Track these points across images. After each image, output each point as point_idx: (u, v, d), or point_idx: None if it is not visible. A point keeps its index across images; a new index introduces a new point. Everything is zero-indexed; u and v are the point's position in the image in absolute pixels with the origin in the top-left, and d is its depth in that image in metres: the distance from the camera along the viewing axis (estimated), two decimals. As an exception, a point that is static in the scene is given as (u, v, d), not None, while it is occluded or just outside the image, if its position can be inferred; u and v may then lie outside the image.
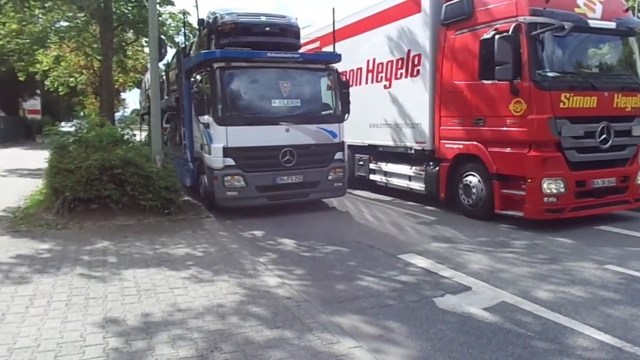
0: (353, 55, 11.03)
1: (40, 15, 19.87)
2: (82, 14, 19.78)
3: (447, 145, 8.72)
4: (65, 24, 20.93)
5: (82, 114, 17.78)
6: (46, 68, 25.38)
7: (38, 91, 37.88)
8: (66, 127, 15.65)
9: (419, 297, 4.76)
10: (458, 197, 8.59)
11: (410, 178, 9.88)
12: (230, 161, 8.27)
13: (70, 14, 19.78)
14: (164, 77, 13.43)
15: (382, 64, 10.47)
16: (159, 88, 11.06)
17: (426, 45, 9.05)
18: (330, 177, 9.03)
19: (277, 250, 6.57)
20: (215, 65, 8.37)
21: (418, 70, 9.31)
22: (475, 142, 8.11)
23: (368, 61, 10.93)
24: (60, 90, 27.63)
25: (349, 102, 9.29)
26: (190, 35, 16.54)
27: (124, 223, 7.49)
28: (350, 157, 11.10)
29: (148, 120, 13.00)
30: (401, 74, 9.85)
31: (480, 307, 4.46)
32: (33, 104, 40.86)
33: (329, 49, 10.01)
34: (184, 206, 8.59)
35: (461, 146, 8.40)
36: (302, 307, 4.27)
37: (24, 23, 20.01)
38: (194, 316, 4.05)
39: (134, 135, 10.45)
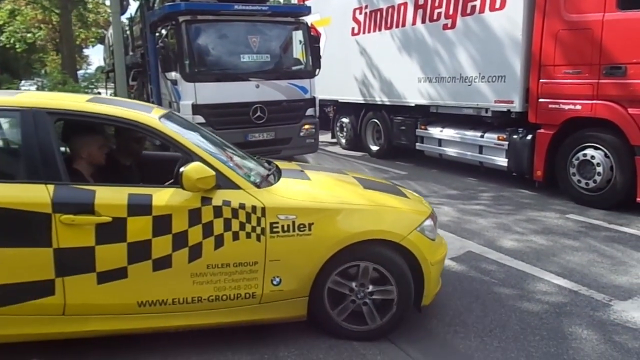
0: None
1: (-10, -35, 18.66)
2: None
3: (551, 106, 6.42)
4: (18, -26, 19.72)
5: (42, 71, 17.14)
6: (1, 23, 24.04)
7: (-6, 48, 36.02)
8: (26, 85, 15.05)
9: (389, 249, 4.89)
10: (566, 178, 6.44)
11: (481, 149, 7.66)
12: (199, 119, 8.10)
13: (23, -37, 18.61)
14: (128, 32, 12.94)
15: None
16: (123, 44, 10.67)
17: None
18: (302, 134, 8.99)
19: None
20: (181, 18, 8.07)
21: (503, 1, 7.04)
22: (605, 101, 5.86)
23: None
24: (17, 46, 26.28)
25: (319, 57, 9.12)
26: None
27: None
28: (386, 121, 9.82)
29: (113, 77, 12.60)
30: (473, 7, 7.52)
31: (448, 258, 4.60)
32: (-11, 61, 38.95)
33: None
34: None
35: (578, 107, 6.12)
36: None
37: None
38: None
39: (99, 93, 10.15)
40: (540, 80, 6.55)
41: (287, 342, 3.07)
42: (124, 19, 12.17)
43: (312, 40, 9.10)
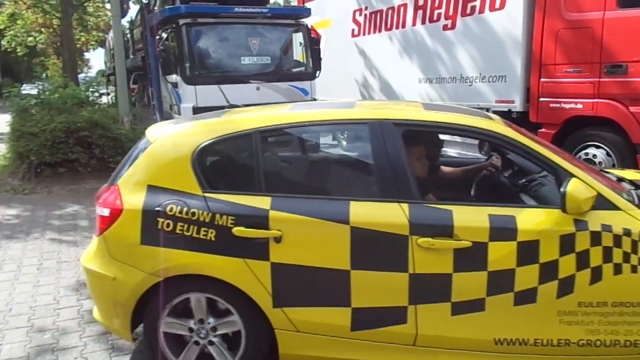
0: None
1: (-9, -30, 18.73)
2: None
3: (552, 105, 6.37)
4: (19, -22, 19.79)
5: (44, 75, 17.16)
6: (2, 27, 24.14)
7: (-5, 52, 36.11)
8: (28, 89, 15.06)
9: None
10: None
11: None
12: (200, 121, 8.12)
13: (24, -33, 18.67)
14: (129, 35, 12.99)
15: None
16: (124, 47, 10.69)
17: None
18: (303, 136, 8.97)
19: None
20: (181, 21, 8.08)
21: (503, 1, 6.98)
22: (607, 100, 5.83)
23: None
24: (18, 50, 26.40)
25: (320, 59, 9.11)
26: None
27: (94, 186, 7.33)
28: None
29: (114, 81, 12.62)
30: (473, 8, 7.45)
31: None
32: (-10, 65, 39.04)
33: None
34: (155, 168, 8.47)
35: (579, 106, 6.09)
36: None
37: (-27, -22, 18.85)
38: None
39: (100, 96, 10.16)
40: (541, 80, 6.50)
41: None
42: (124, 22, 12.24)
43: (313, 42, 9.09)
